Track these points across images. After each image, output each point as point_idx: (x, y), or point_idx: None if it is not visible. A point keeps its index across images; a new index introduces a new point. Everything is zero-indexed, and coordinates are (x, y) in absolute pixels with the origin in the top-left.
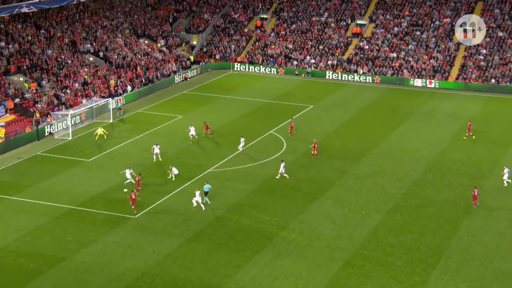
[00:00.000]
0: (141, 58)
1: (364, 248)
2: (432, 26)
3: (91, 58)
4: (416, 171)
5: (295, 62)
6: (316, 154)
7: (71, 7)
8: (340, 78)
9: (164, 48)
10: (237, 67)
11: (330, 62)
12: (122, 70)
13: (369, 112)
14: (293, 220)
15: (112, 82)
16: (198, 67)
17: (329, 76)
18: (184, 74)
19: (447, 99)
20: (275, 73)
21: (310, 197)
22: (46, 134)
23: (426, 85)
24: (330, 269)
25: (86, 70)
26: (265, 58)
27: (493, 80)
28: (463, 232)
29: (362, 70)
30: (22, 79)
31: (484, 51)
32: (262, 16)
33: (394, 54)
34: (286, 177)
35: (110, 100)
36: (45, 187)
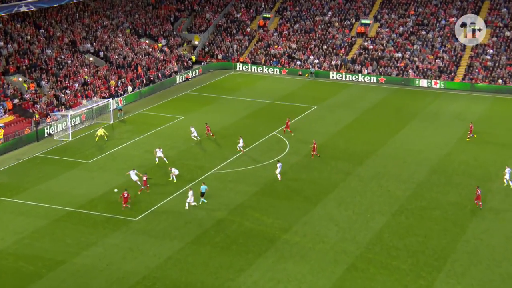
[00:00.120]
0: (142, 58)
1: (368, 251)
2: (438, 25)
3: (91, 58)
4: (421, 173)
5: (299, 62)
6: (316, 154)
7: (71, 6)
8: (344, 78)
9: (165, 48)
10: (239, 67)
11: (334, 62)
12: (122, 70)
13: (373, 113)
14: (296, 222)
15: (112, 83)
16: (200, 67)
17: (333, 76)
18: (185, 74)
19: (453, 100)
20: (278, 73)
21: (314, 199)
22: (46, 135)
23: (431, 85)
24: (334, 272)
25: (86, 70)
26: (268, 58)
27: (500, 80)
28: (470, 235)
29: (366, 71)
30: (21, 79)
31: (491, 51)
32: (265, 15)
33: (399, 54)
34: (278, 178)
35: (111, 100)
36: (44, 189)
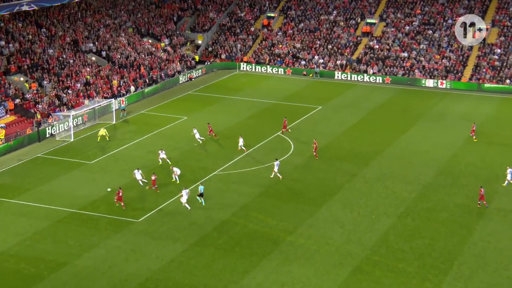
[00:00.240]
0: (144, 58)
1: (374, 253)
2: (444, 24)
3: (94, 58)
4: (427, 174)
5: (303, 62)
6: (315, 154)
7: (73, 5)
8: (349, 78)
9: (168, 47)
10: (243, 67)
11: (339, 62)
12: (125, 70)
13: (379, 113)
14: (301, 224)
15: (115, 82)
16: (203, 67)
17: (338, 76)
18: (189, 74)
19: (460, 100)
20: (283, 73)
21: (319, 200)
22: (47, 135)
23: (438, 85)
24: (339, 275)
25: (88, 70)
26: (272, 58)
27: (508, 80)
28: (477, 237)
29: (372, 70)
30: (22, 79)
31: (498, 51)
32: (269, 14)
33: (405, 54)
34: (279, 177)
35: (113, 100)
36: (46, 190)
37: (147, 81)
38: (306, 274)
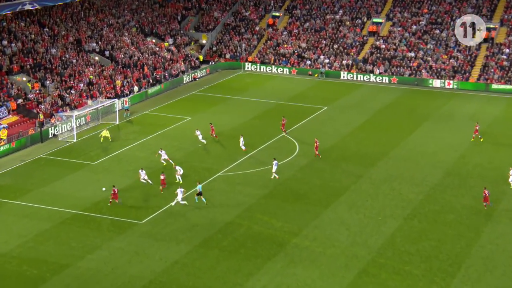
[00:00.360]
0: (148, 58)
1: (380, 256)
2: (452, 24)
3: (97, 58)
4: (434, 176)
5: (309, 62)
6: (317, 154)
7: (76, 5)
8: (355, 78)
9: (172, 47)
10: (248, 67)
11: (345, 62)
12: (128, 69)
13: (385, 114)
14: (306, 226)
15: (118, 82)
16: (207, 67)
17: (344, 76)
18: (193, 74)
19: (468, 101)
20: (288, 73)
21: (324, 202)
22: (50, 136)
23: (445, 86)
24: (345, 277)
25: (92, 69)
26: (277, 58)
27: None
28: (485, 240)
29: (378, 70)
30: (25, 79)
31: (507, 51)
32: (274, 13)
33: (412, 54)
34: (276, 177)
35: (116, 101)
36: (48, 191)
37: (151, 81)
38: (311, 277)
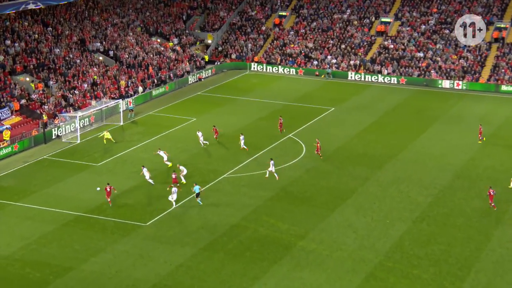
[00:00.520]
0: (153, 58)
1: (388, 259)
2: None
3: (101, 58)
4: (444, 178)
5: (316, 62)
6: (319, 154)
7: (80, 4)
8: (363, 79)
9: (177, 47)
10: (254, 67)
11: (352, 62)
12: (133, 70)
13: (393, 115)
14: (312, 229)
15: (122, 83)
16: (213, 67)
17: (351, 77)
18: (198, 75)
19: (477, 102)
20: (294, 73)
21: (331, 205)
22: (54, 137)
23: (454, 86)
24: (352, 281)
25: (96, 70)
26: (283, 58)
27: None
28: (495, 243)
29: (386, 71)
30: (28, 79)
31: None
32: (280, 13)
33: (421, 54)
34: (276, 177)
35: (121, 101)
36: (52, 193)
37: (156, 81)
38: (318, 281)
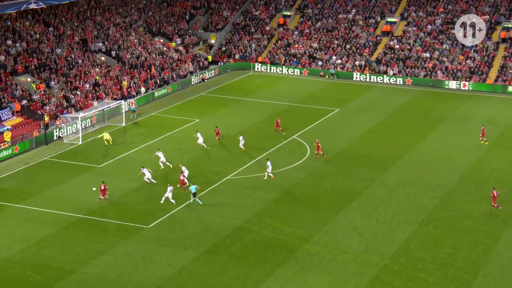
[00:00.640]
0: (155, 58)
1: (394, 262)
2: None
3: (103, 58)
4: (450, 180)
5: (320, 63)
6: (322, 154)
7: (82, 3)
8: (368, 79)
9: (180, 47)
10: (257, 68)
11: (357, 63)
12: (135, 70)
13: (399, 116)
14: (317, 232)
15: (124, 83)
16: (216, 68)
17: (356, 77)
18: (201, 75)
19: (485, 103)
20: (299, 74)
21: (336, 207)
22: (55, 138)
23: (461, 87)
24: (357, 285)
25: (98, 70)
26: (287, 58)
27: None
28: (503, 247)
29: (392, 71)
30: (29, 80)
31: None
32: (285, 13)
33: (427, 54)
34: (271, 176)
35: (123, 102)
36: (53, 195)
37: (158, 82)
38: (322, 284)
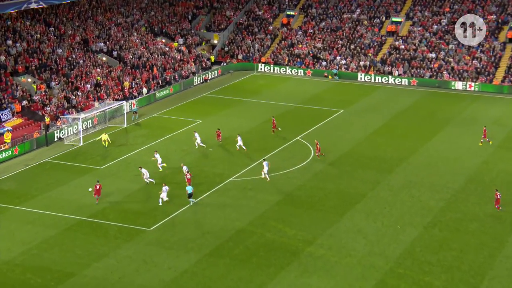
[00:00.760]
0: (157, 58)
1: (399, 266)
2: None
3: (104, 58)
4: (456, 182)
5: (324, 63)
6: (321, 154)
7: (83, 3)
8: (373, 80)
9: (182, 47)
10: (261, 68)
11: (362, 63)
12: (137, 70)
13: (404, 117)
14: (321, 234)
15: (126, 84)
16: (219, 68)
17: (361, 78)
18: (204, 76)
19: (491, 104)
20: (302, 74)
21: (340, 209)
22: (56, 139)
23: (467, 88)
24: None
25: (99, 70)
26: (291, 59)
27: None
28: (509, 250)
29: (397, 72)
30: (30, 80)
31: None
32: (288, 12)
33: (433, 55)
34: (267, 179)
35: (124, 103)
36: (54, 196)
37: (160, 82)
38: (326, 287)
